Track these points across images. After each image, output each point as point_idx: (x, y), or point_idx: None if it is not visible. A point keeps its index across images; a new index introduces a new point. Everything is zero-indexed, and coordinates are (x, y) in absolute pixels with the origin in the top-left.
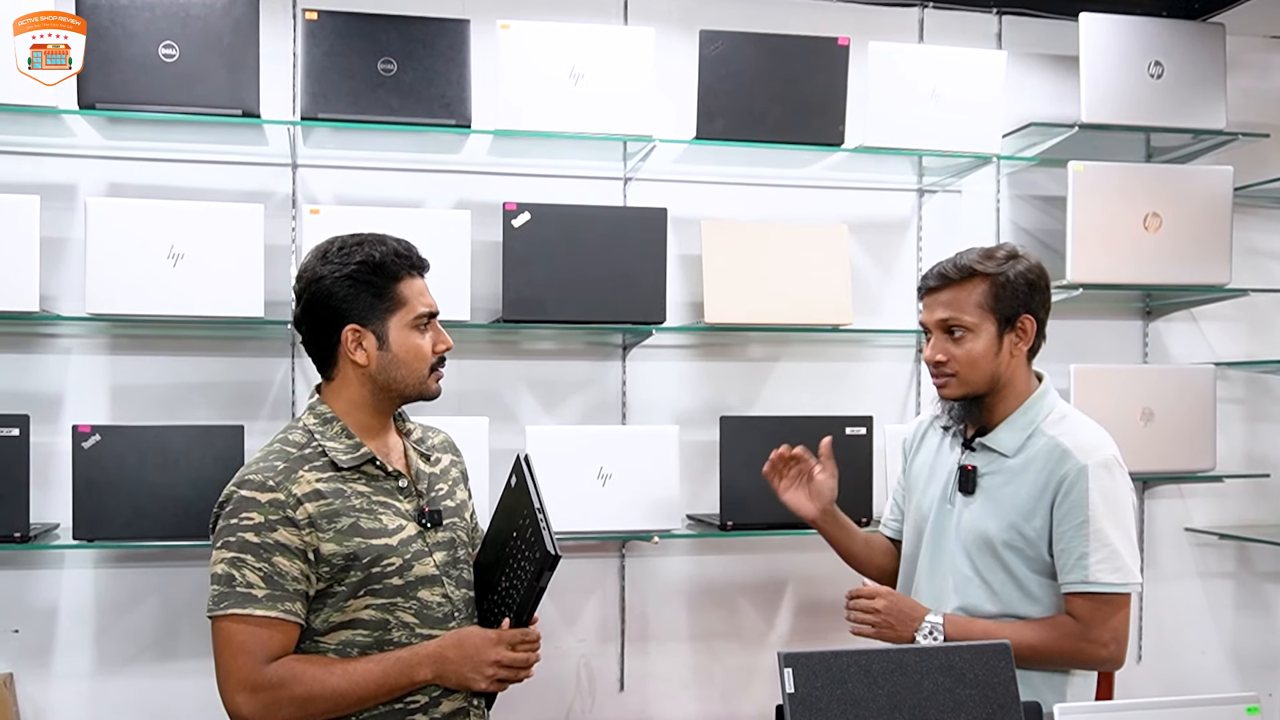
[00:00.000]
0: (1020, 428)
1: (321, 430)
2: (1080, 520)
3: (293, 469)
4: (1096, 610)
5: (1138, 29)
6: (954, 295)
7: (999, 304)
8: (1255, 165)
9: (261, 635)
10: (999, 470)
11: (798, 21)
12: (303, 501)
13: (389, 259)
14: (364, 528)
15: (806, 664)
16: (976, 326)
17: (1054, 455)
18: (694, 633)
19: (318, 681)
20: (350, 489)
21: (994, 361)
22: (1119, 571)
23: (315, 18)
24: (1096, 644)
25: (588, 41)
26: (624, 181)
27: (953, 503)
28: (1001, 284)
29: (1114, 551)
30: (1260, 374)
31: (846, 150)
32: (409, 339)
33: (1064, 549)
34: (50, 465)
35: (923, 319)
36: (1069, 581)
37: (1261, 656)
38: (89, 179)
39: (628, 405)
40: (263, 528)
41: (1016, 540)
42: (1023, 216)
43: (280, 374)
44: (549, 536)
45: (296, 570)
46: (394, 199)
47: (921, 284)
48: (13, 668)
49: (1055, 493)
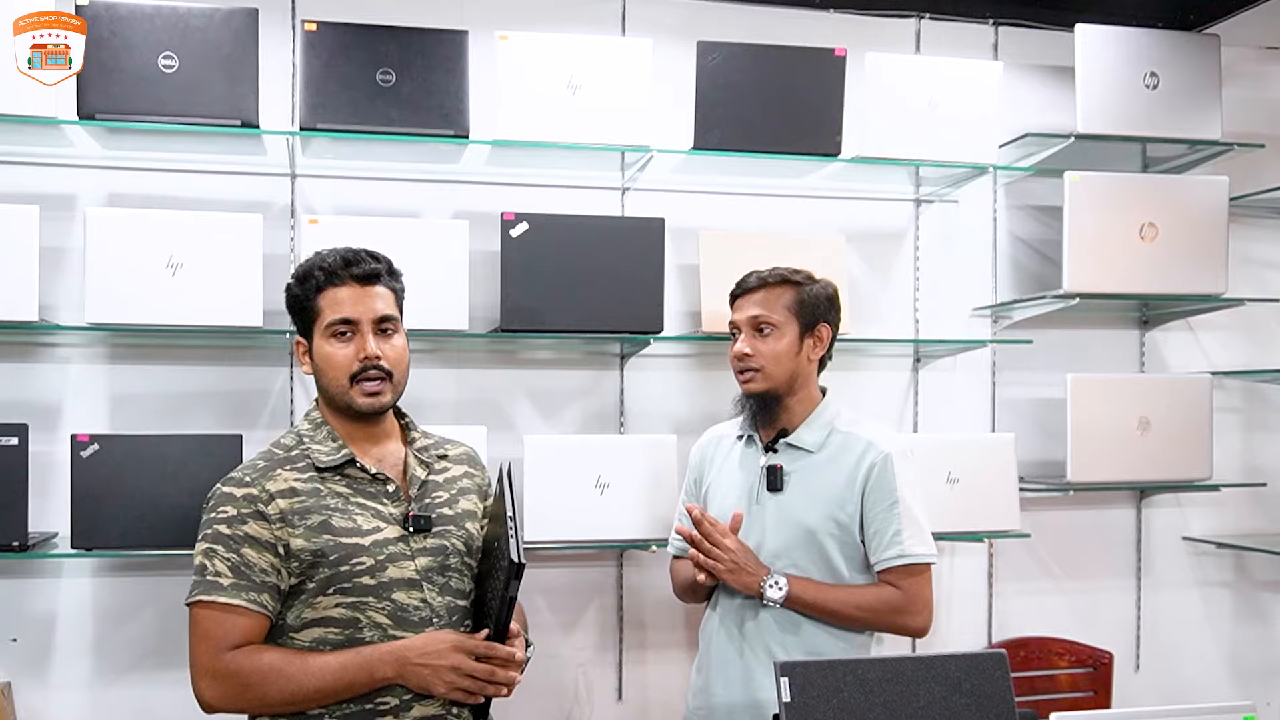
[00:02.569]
0: (819, 427)
1: (311, 434)
2: (891, 501)
3: (272, 468)
4: (913, 581)
5: (1133, 40)
6: (765, 296)
7: (803, 310)
8: (1251, 175)
9: (225, 623)
10: (805, 466)
11: (795, 32)
12: (275, 498)
13: (312, 271)
14: (335, 526)
15: (803, 673)
16: (783, 325)
17: (858, 447)
18: (692, 642)
19: (275, 670)
20: (327, 489)
21: (794, 360)
22: (926, 544)
23: (314, 29)
24: (912, 613)
25: (586, 52)
26: (622, 191)
27: (760, 502)
28: (806, 293)
29: (920, 528)
30: (1257, 383)
31: (844, 161)
32: (323, 348)
33: (878, 530)
34: (49, 474)
35: (734, 319)
36: (887, 558)
37: (1259, 665)
38: (88, 189)
39: (626, 414)
40: (235, 520)
41: (833, 528)
42: (1019, 226)
43: (279, 383)
44: (515, 544)
45: (266, 563)
46: (392, 209)
47: (736, 289)
48: (11, 676)
49: (866, 479)
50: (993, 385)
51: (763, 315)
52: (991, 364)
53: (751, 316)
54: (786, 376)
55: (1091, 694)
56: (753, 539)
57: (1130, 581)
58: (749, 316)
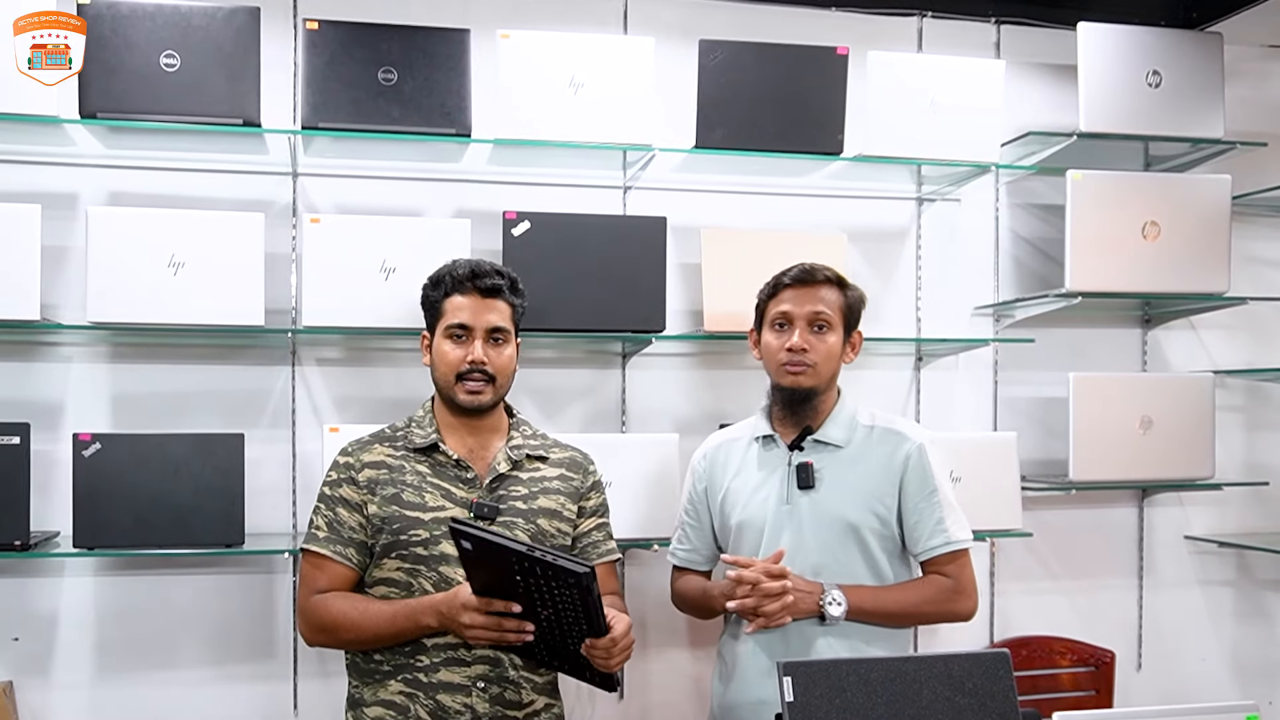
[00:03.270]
0: (844, 423)
1: (420, 419)
2: (930, 490)
3: (373, 443)
4: (959, 565)
5: (1136, 38)
6: (825, 294)
7: (849, 314)
8: (1253, 174)
9: (315, 570)
10: (834, 462)
11: (797, 31)
12: (365, 467)
13: (444, 277)
14: (404, 499)
15: (806, 673)
16: (836, 326)
17: (889, 439)
18: (694, 640)
19: (341, 613)
20: (410, 466)
21: (838, 363)
22: (965, 529)
23: (316, 27)
24: (964, 596)
25: (587, 51)
26: (624, 190)
27: (792, 501)
28: (850, 297)
29: (958, 514)
30: (1259, 382)
31: (846, 159)
32: (440, 346)
33: (919, 519)
34: (50, 473)
35: (787, 309)
36: (932, 546)
37: (1261, 664)
38: (90, 188)
39: (627, 413)
40: (335, 484)
41: (874, 521)
42: (1021, 225)
43: (280, 382)
44: (566, 560)
45: (354, 521)
46: (394, 208)
47: (790, 277)
48: (12, 676)
49: (903, 471)
50: (995, 384)
51: (824, 312)
52: (994, 363)
53: (814, 311)
54: (830, 376)
55: (1094, 693)
56: (788, 538)
57: (1132, 580)
58: (810, 311)
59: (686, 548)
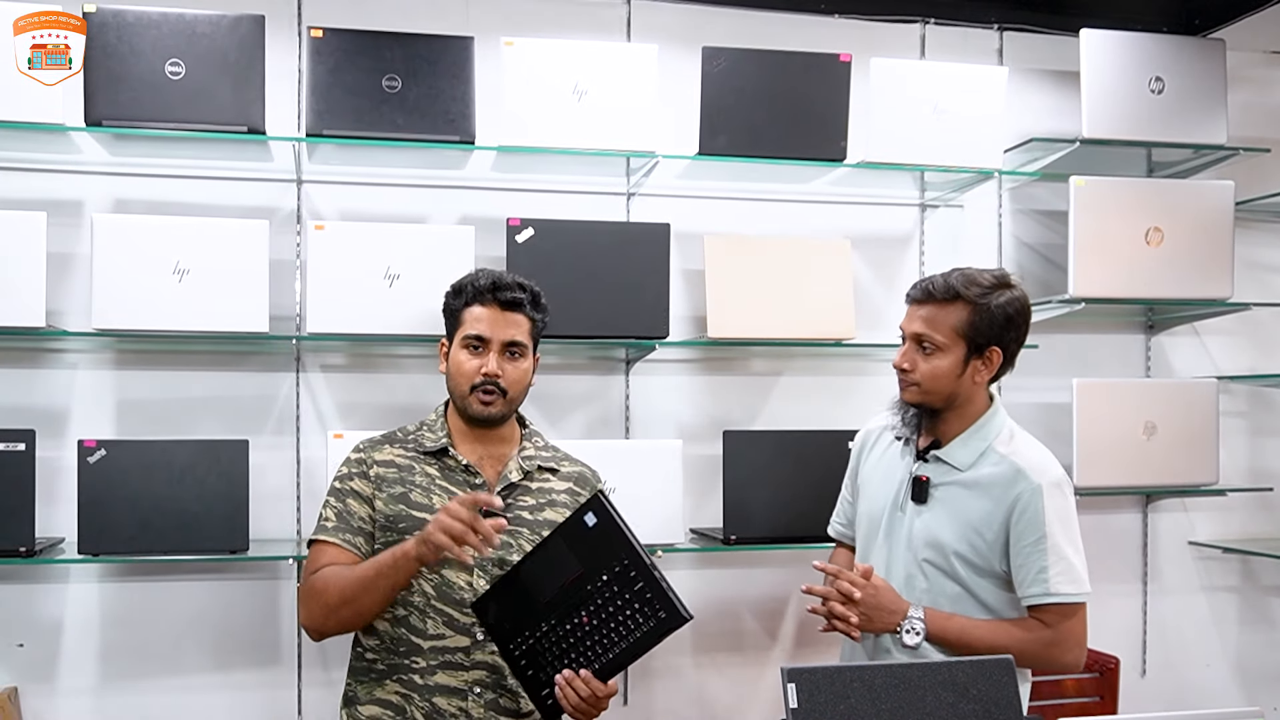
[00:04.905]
0: (974, 445)
1: (431, 422)
2: (1038, 536)
3: (385, 443)
4: (1063, 619)
5: (1138, 45)
6: (933, 313)
7: (973, 331)
8: (1256, 180)
9: (319, 556)
10: (952, 483)
11: (800, 38)
12: (376, 465)
13: (465, 286)
14: (412, 499)
15: (810, 679)
16: (946, 347)
17: (1008, 474)
18: (697, 647)
19: (333, 574)
20: (420, 468)
21: (955, 382)
22: (1075, 583)
23: (320, 35)
24: (1063, 648)
25: (591, 58)
26: (627, 197)
27: (904, 510)
28: (980, 313)
29: (1069, 565)
30: (1262, 388)
31: (849, 165)
32: (456, 355)
33: (1023, 564)
34: (56, 480)
35: (902, 325)
36: (1032, 594)
37: (1266, 670)
38: (95, 195)
39: (631, 419)
40: (346, 478)
41: (967, 551)
42: (1025, 231)
43: (285, 389)
44: (676, 599)
45: (364, 513)
46: (398, 215)
47: (910, 293)
48: (17, 682)
49: (1011, 510)
50: (998, 390)
51: (926, 334)
52: None
53: (915, 333)
54: (945, 395)
55: (1098, 699)
56: (890, 544)
57: (1137, 586)
58: (913, 331)
59: (842, 521)
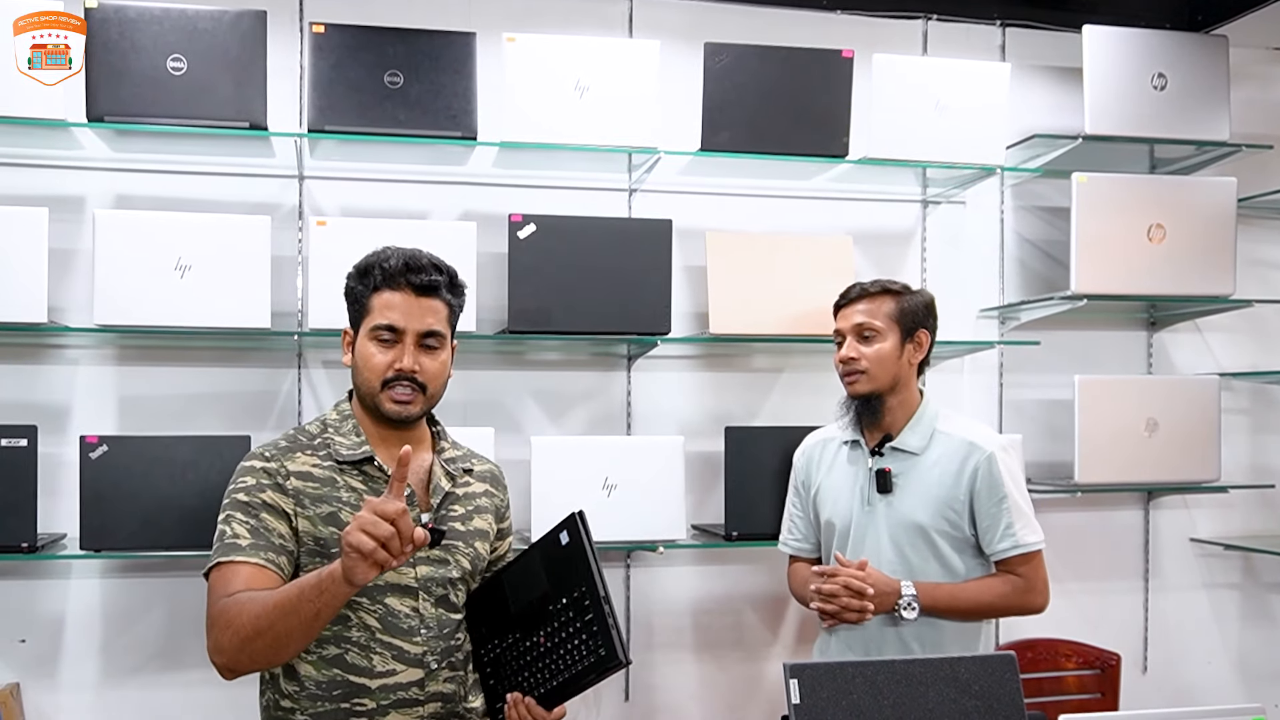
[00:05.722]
0: (921, 430)
1: (336, 424)
2: (1000, 497)
3: (293, 450)
4: (1030, 566)
5: (1141, 41)
6: (869, 305)
7: (904, 316)
8: (1259, 176)
9: (230, 578)
10: (911, 468)
11: (802, 34)
12: (292, 476)
13: (372, 268)
14: (342, 520)
15: (812, 675)
16: (884, 332)
17: (961, 448)
18: (699, 643)
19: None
20: (343, 481)
21: (896, 364)
22: (1035, 531)
23: (322, 31)
24: (1036, 592)
25: (593, 54)
26: (629, 193)
27: (871, 504)
28: (905, 301)
29: (1027, 518)
30: (1265, 385)
31: (851, 162)
32: (365, 347)
33: (989, 525)
34: (57, 476)
35: (839, 327)
36: (1003, 549)
37: (1267, 667)
38: (97, 191)
39: (633, 416)
40: (254, 489)
41: (943, 525)
42: (1026, 227)
43: (287, 384)
44: (617, 636)
45: (284, 529)
46: (400, 210)
47: (840, 299)
48: (19, 678)
49: (972, 480)
50: (1000, 386)
51: (866, 322)
52: (999, 365)
53: (856, 324)
54: (889, 379)
55: (1099, 696)
56: (869, 539)
57: (1138, 583)
58: (854, 324)
59: (796, 537)
